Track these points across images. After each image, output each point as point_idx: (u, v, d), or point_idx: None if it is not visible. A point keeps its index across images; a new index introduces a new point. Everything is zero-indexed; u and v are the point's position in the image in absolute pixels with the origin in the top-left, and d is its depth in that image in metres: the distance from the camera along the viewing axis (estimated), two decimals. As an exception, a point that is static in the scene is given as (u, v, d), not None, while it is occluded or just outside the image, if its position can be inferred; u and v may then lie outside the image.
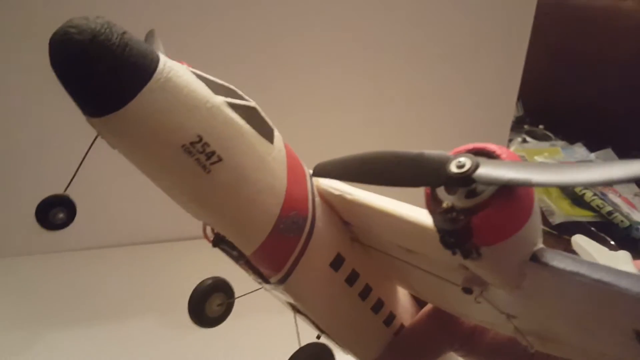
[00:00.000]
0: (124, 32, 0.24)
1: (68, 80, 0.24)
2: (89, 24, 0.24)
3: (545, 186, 0.24)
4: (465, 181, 0.24)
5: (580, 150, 1.18)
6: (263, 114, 0.31)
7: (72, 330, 0.36)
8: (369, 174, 0.29)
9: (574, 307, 0.26)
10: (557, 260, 0.25)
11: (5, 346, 0.67)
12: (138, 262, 0.84)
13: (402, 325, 0.40)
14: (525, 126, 1.28)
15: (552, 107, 1.30)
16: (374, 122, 0.95)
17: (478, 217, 0.25)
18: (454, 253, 0.26)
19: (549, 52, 1.25)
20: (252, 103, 0.30)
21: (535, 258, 0.26)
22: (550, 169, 0.22)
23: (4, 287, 0.80)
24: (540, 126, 1.30)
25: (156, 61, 0.25)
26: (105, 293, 0.77)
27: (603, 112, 1.20)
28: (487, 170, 0.24)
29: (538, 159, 1.13)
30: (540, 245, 0.27)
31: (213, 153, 0.27)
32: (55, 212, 0.36)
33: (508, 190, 0.24)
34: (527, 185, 0.24)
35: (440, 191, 0.27)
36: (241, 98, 0.30)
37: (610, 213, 1.00)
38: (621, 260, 0.85)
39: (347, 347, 0.40)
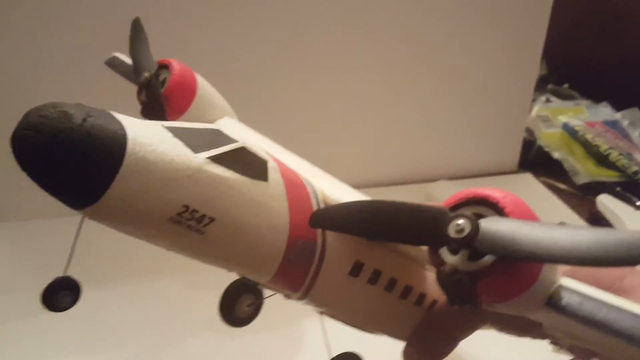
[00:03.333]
0: (84, 119, 0.23)
1: (36, 181, 0.23)
2: (45, 122, 0.22)
3: (551, 262, 0.23)
4: (465, 245, 0.23)
5: (605, 110, 1.16)
6: (253, 148, 0.30)
7: (88, 292, 0.38)
8: (368, 228, 0.28)
9: (595, 337, 0.25)
10: (573, 304, 0.25)
11: (22, 308, 0.68)
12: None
13: (434, 301, 0.39)
14: (549, 85, 1.25)
15: (576, 65, 1.27)
16: (399, 80, 0.94)
17: (482, 283, 0.24)
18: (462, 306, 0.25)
19: (574, 9, 1.21)
20: (238, 144, 0.29)
21: (551, 302, 0.25)
22: (560, 238, 0.20)
23: (26, 249, 0.82)
24: (565, 85, 1.27)
25: (124, 142, 0.24)
26: (122, 254, 0.78)
27: (629, 71, 1.17)
28: (488, 236, 0.23)
29: (562, 118, 1.11)
30: (558, 283, 0.26)
31: (203, 217, 0.27)
32: (62, 296, 0.37)
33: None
34: (531, 261, 0.23)
35: (443, 250, 0.26)
36: (226, 142, 0.28)
37: (636, 173, 0.98)
38: (647, 220, 0.84)
39: (379, 332, 0.40)
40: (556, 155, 1.06)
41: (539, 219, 0.25)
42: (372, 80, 0.92)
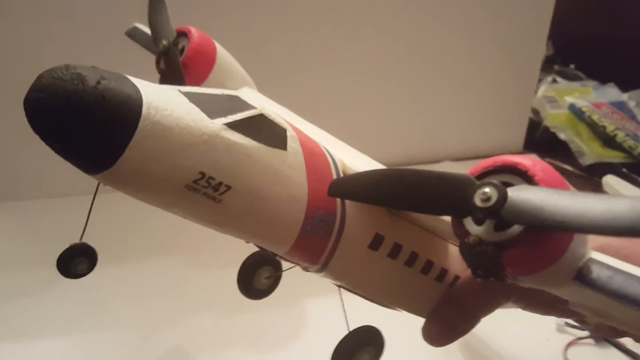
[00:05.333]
0: (98, 82, 0.22)
1: (51, 144, 0.23)
2: (58, 83, 0.22)
3: (584, 232, 0.21)
4: (492, 214, 0.22)
5: (612, 91, 1.15)
6: (271, 115, 0.29)
7: (97, 269, 0.38)
8: (389, 196, 0.27)
9: (625, 314, 0.24)
10: (603, 277, 0.24)
11: (29, 285, 0.70)
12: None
13: (456, 277, 0.39)
14: (556, 66, 1.24)
15: (583, 46, 1.26)
16: (404, 61, 0.93)
17: (508, 254, 0.23)
18: (486, 279, 0.25)
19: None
20: (256, 110, 0.28)
21: (579, 276, 0.24)
22: (594, 207, 0.19)
23: (28, 228, 0.83)
24: (571, 65, 1.26)
25: (139, 105, 0.23)
26: (132, 232, 0.78)
27: (636, 52, 1.16)
28: (516, 205, 0.21)
29: (568, 99, 1.11)
30: (588, 256, 0.25)
31: (220, 184, 0.26)
32: (77, 262, 0.36)
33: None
34: (562, 231, 0.22)
35: (467, 220, 0.25)
36: (244, 108, 0.28)
37: (642, 154, 0.98)
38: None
39: (399, 307, 0.39)
40: (562, 136, 1.05)
41: (570, 187, 0.24)
42: (376, 62, 0.92)
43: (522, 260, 0.23)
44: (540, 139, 1.07)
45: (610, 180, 0.90)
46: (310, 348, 0.60)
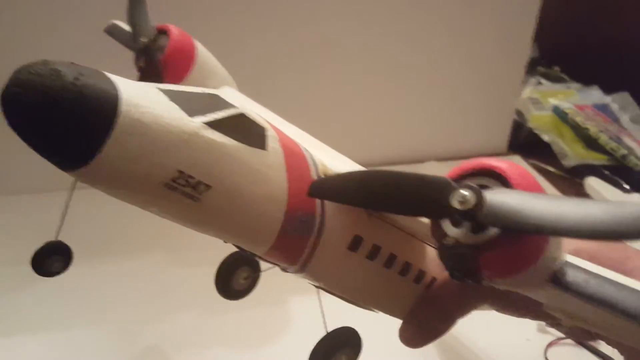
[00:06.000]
0: (76, 78, 0.22)
1: (27, 140, 0.22)
2: (36, 79, 0.21)
3: (559, 236, 0.22)
4: (469, 217, 0.23)
5: (595, 93, 1.16)
6: (252, 115, 0.29)
7: (75, 267, 0.37)
8: (368, 198, 0.27)
9: (599, 317, 0.25)
10: (578, 281, 0.24)
11: (11, 281, 0.68)
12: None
13: (433, 279, 0.39)
14: (540, 68, 1.25)
15: (568, 48, 1.27)
16: (387, 62, 0.93)
17: (485, 257, 0.23)
18: (463, 281, 0.25)
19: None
20: (237, 110, 0.28)
21: (555, 279, 0.24)
22: (569, 211, 0.20)
23: (13, 224, 0.82)
24: (556, 68, 1.27)
25: (117, 103, 0.23)
26: (112, 229, 0.78)
27: (620, 55, 1.18)
28: (493, 208, 0.22)
29: (552, 101, 1.11)
30: (563, 259, 0.25)
31: (199, 183, 0.26)
32: (53, 261, 0.36)
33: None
34: (538, 234, 0.22)
35: (445, 222, 0.25)
36: (224, 107, 0.27)
37: (624, 156, 0.99)
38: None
39: (376, 308, 0.39)
40: (546, 137, 1.06)
41: (545, 191, 0.24)
42: (361, 62, 0.92)
43: (499, 263, 0.23)
44: (524, 141, 1.08)
45: (592, 182, 0.91)
46: (290, 347, 0.60)
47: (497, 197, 0.22)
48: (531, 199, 0.21)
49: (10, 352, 0.61)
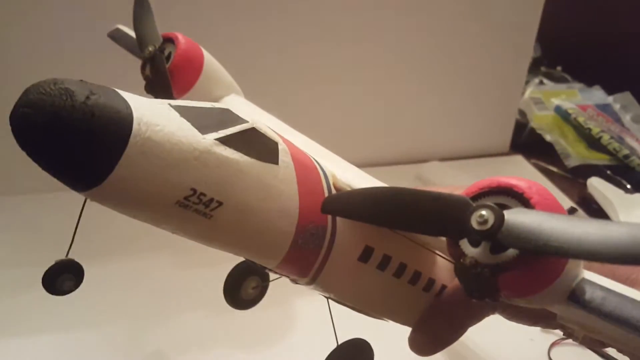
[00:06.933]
0: (87, 97, 0.22)
1: (36, 161, 0.22)
2: (46, 99, 0.21)
3: (581, 259, 0.21)
4: (488, 237, 0.22)
5: (597, 93, 1.16)
6: (263, 128, 0.29)
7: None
8: (384, 217, 0.27)
9: (615, 332, 0.24)
10: (596, 299, 0.23)
11: (12, 281, 0.68)
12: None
13: (443, 286, 0.39)
14: (543, 68, 1.25)
15: (570, 48, 1.27)
16: (390, 62, 0.93)
17: (504, 277, 0.23)
18: (481, 300, 0.24)
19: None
20: (248, 124, 0.28)
21: (573, 297, 0.24)
22: (591, 233, 0.19)
23: (15, 224, 0.81)
24: (558, 68, 1.27)
25: (130, 122, 0.23)
26: (118, 231, 0.78)
27: (622, 55, 1.17)
28: (513, 229, 0.21)
29: (555, 101, 1.11)
30: (581, 276, 0.24)
31: (211, 200, 0.26)
32: (63, 279, 0.35)
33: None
34: (559, 257, 0.22)
35: (463, 242, 0.25)
36: (235, 122, 0.27)
37: (626, 156, 0.99)
38: (637, 203, 0.85)
39: (386, 317, 0.39)
40: (548, 137, 1.06)
41: (565, 211, 0.24)
42: (365, 63, 0.92)
43: (518, 284, 0.23)
44: (527, 140, 1.08)
45: (594, 182, 0.91)
46: (296, 350, 0.60)
47: (517, 217, 0.22)
48: (551, 220, 0.21)
49: (14, 354, 0.60)
